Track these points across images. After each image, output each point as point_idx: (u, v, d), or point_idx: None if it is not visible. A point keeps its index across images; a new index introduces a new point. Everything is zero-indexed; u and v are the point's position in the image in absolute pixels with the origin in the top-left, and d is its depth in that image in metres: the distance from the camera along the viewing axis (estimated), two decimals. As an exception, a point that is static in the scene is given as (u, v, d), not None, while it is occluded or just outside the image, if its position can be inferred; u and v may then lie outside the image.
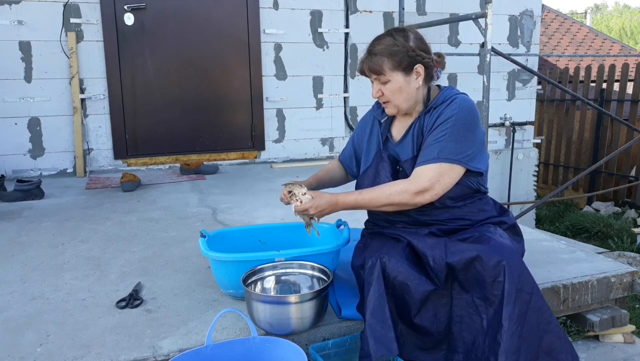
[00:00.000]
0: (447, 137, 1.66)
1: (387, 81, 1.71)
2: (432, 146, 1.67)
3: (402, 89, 1.71)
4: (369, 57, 1.71)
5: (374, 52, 1.70)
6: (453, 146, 1.65)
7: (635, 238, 5.28)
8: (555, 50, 11.59)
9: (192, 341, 1.61)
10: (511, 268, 1.48)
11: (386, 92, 1.73)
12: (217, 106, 4.56)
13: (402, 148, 1.79)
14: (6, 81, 4.05)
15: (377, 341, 1.48)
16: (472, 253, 1.52)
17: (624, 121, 5.80)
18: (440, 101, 1.74)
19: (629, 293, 2.15)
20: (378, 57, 1.69)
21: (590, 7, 27.47)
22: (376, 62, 1.69)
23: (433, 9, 5.04)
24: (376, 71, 1.70)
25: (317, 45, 4.75)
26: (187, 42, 4.40)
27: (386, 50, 1.69)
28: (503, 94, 5.50)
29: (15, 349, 1.57)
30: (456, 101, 1.72)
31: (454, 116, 1.68)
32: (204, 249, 1.82)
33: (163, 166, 4.48)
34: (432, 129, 1.70)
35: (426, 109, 1.75)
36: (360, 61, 1.76)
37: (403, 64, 1.69)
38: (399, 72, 1.70)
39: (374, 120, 1.91)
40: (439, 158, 1.64)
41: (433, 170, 1.64)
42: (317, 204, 1.69)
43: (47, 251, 2.43)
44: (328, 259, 1.84)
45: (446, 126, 1.67)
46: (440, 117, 1.70)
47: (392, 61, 1.68)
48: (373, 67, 1.70)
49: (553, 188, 7.54)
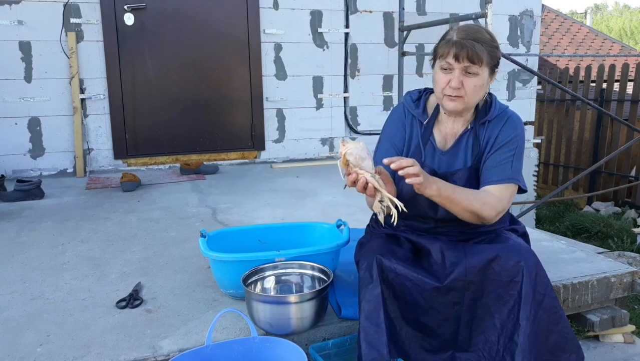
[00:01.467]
0: (515, 157, 1.64)
1: (476, 74, 1.57)
2: (504, 165, 1.63)
3: (483, 87, 1.61)
4: (472, 44, 1.55)
5: (477, 39, 1.56)
6: (518, 167, 1.64)
7: (635, 238, 5.28)
8: (555, 50, 11.59)
9: (192, 341, 1.61)
10: (529, 268, 1.48)
11: (468, 85, 1.58)
12: (217, 106, 4.56)
13: (451, 157, 1.69)
14: (6, 81, 4.05)
15: (369, 344, 1.48)
16: (492, 253, 1.51)
17: (624, 121, 5.79)
18: (495, 114, 1.68)
19: (629, 293, 2.16)
20: (482, 46, 1.56)
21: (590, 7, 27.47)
22: (479, 51, 1.55)
23: (433, 9, 5.04)
24: (473, 59, 1.55)
25: (317, 45, 4.75)
26: (187, 42, 4.40)
27: (490, 43, 1.59)
28: (503, 94, 5.50)
29: (15, 349, 1.57)
30: (513, 118, 1.68)
31: (517, 136, 1.65)
32: (204, 249, 1.82)
33: (163, 166, 4.48)
34: (497, 147, 1.64)
35: (481, 121, 1.68)
36: (453, 43, 1.56)
37: (493, 62, 1.61)
38: (487, 69, 1.60)
39: (413, 118, 1.74)
40: (512, 179, 1.62)
41: (509, 190, 1.63)
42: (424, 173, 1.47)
43: (47, 251, 2.43)
44: (328, 259, 1.85)
45: (513, 146, 1.64)
46: (502, 135, 1.65)
47: (490, 55, 1.58)
48: (476, 54, 1.54)
49: (553, 187, 7.54)
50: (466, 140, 1.69)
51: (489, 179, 1.63)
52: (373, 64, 4.94)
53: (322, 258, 1.83)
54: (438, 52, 1.61)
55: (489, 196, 1.59)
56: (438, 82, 1.62)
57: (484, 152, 1.66)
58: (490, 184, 1.62)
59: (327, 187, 3.64)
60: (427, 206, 1.68)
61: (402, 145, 1.73)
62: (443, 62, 1.58)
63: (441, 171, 1.68)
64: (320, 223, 2.16)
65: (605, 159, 5.57)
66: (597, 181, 7.18)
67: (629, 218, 6.19)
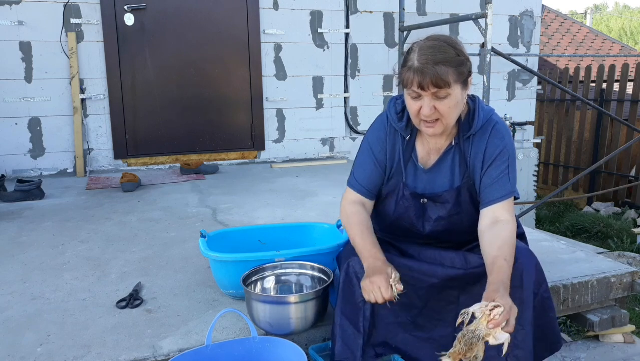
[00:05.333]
0: (510, 168, 1.55)
1: (447, 95, 1.44)
2: (502, 180, 1.53)
3: (458, 104, 1.48)
4: (433, 67, 1.41)
5: (436, 61, 1.41)
6: (514, 177, 1.56)
7: (635, 238, 5.28)
8: (555, 50, 11.59)
9: (192, 341, 1.61)
10: (529, 271, 1.46)
11: (442, 108, 1.45)
12: (217, 106, 4.56)
13: (434, 176, 1.59)
14: (6, 81, 4.05)
15: (344, 343, 1.49)
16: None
17: (624, 121, 5.80)
18: (479, 126, 1.55)
19: (629, 293, 2.16)
20: (443, 67, 1.41)
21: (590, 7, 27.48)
22: (442, 74, 1.41)
23: (433, 9, 5.04)
24: (439, 84, 1.42)
25: (317, 45, 4.75)
26: (187, 42, 4.40)
27: (453, 61, 1.44)
28: (503, 94, 5.50)
29: (15, 349, 1.57)
30: (497, 128, 1.56)
31: (506, 146, 1.55)
32: (204, 249, 1.82)
33: (163, 166, 4.48)
34: (489, 162, 1.54)
35: (465, 136, 1.56)
36: (414, 71, 1.43)
37: (463, 76, 1.46)
38: (459, 85, 1.45)
39: (396, 133, 1.62)
40: (513, 191, 1.55)
41: (511, 204, 1.55)
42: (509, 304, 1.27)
43: (47, 251, 2.43)
44: (328, 259, 1.84)
45: (505, 158, 1.54)
46: (490, 148, 1.54)
47: (456, 72, 1.44)
48: (438, 79, 1.41)
49: (553, 187, 7.54)
50: (451, 157, 1.58)
51: (491, 197, 1.53)
52: (373, 64, 4.94)
53: (322, 258, 1.83)
54: (402, 78, 1.47)
55: (506, 229, 1.48)
56: (410, 109, 1.50)
57: (473, 170, 1.56)
58: (494, 202, 1.52)
59: (327, 187, 3.64)
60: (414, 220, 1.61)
61: (382, 157, 1.63)
62: (410, 92, 1.46)
63: (426, 192, 1.59)
64: (320, 223, 2.16)
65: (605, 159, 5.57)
66: (597, 181, 7.17)
67: (629, 218, 6.19)
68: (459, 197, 1.57)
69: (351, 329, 1.52)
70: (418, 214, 1.61)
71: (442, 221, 1.59)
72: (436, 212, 1.59)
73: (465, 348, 1.22)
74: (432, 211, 1.60)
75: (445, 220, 1.59)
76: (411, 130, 1.60)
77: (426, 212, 1.60)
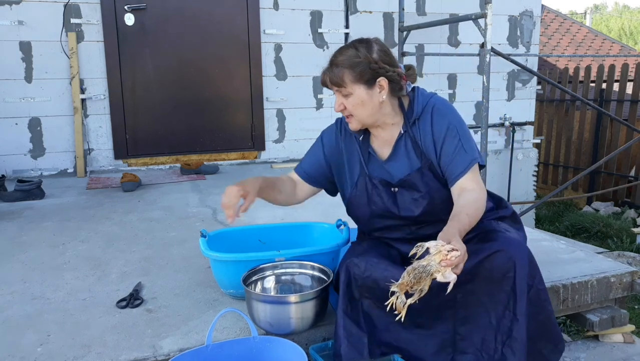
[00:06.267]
0: (463, 139, 1.63)
1: (349, 94, 1.62)
2: (458, 153, 1.61)
3: (364, 103, 1.62)
4: (330, 68, 1.64)
5: (335, 63, 1.62)
6: (470, 145, 1.64)
7: (634, 238, 5.29)
8: (554, 50, 11.60)
9: (192, 341, 1.61)
10: (522, 262, 1.48)
11: (349, 105, 1.63)
12: (217, 106, 4.57)
13: (394, 166, 1.70)
14: (7, 81, 4.05)
15: (350, 344, 1.50)
16: (482, 255, 1.49)
17: (623, 121, 5.81)
18: (420, 109, 1.67)
19: (628, 293, 2.16)
20: (339, 68, 1.61)
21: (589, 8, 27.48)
22: (337, 74, 1.61)
23: (433, 9, 5.05)
24: (337, 83, 1.62)
25: (317, 45, 4.75)
26: (187, 43, 4.40)
27: (347, 62, 1.60)
28: (503, 94, 5.50)
29: (16, 349, 1.58)
30: (437, 107, 1.67)
31: (451, 120, 1.64)
32: (204, 249, 1.82)
33: (163, 166, 4.48)
34: (440, 141, 1.63)
35: (410, 122, 1.68)
36: (322, 72, 1.67)
37: (365, 77, 1.60)
38: (360, 85, 1.61)
39: (348, 135, 1.77)
40: (473, 160, 1.61)
41: (475, 174, 1.62)
42: (464, 249, 1.33)
43: (47, 251, 2.43)
44: (328, 259, 1.85)
45: (453, 132, 1.63)
46: (436, 128, 1.64)
47: (353, 73, 1.60)
48: (334, 78, 1.62)
49: (553, 187, 7.54)
50: (404, 144, 1.69)
51: (454, 172, 1.61)
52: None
53: (322, 258, 1.83)
54: None
55: (472, 195, 1.57)
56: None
57: (427, 151, 1.66)
58: (459, 177, 1.60)
59: (327, 187, 3.64)
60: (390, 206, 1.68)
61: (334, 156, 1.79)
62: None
63: (394, 181, 1.68)
64: (320, 223, 2.17)
65: (605, 159, 5.58)
66: (596, 181, 7.18)
67: (629, 218, 6.20)
68: (424, 178, 1.65)
69: (355, 329, 1.52)
70: (392, 201, 1.69)
71: (416, 204, 1.66)
72: (408, 196, 1.67)
73: (413, 281, 1.29)
74: (404, 197, 1.68)
75: (419, 202, 1.66)
76: (364, 130, 1.73)
77: (398, 199, 1.68)
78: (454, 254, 1.29)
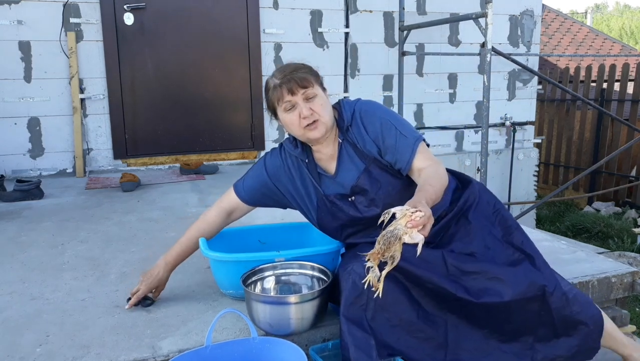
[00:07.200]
0: (398, 127, 1.68)
1: (315, 95, 1.66)
2: (400, 142, 1.66)
3: (325, 104, 1.69)
4: (294, 74, 1.65)
5: (294, 69, 1.67)
6: (407, 130, 1.69)
7: (635, 238, 5.28)
8: (555, 50, 11.59)
9: (191, 341, 1.60)
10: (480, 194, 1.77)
11: (316, 107, 1.66)
12: (217, 106, 4.56)
13: (343, 176, 1.73)
14: (6, 80, 4.04)
15: (357, 348, 1.49)
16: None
17: (624, 120, 5.80)
18: (350, 115, 1.73)
19: (629, 293, 2.15)
20: (301, 72, 1.67)
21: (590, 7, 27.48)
22: (303, 75, 1.66)
23: (433, 9, 5.04)
24: (306, 84, 1.65)
25: (317, 45, 4.74)
26: (187, 42, 4.40)
27: (304, 67, 1.69)
28: (503, 94, 5.50)
29: (15, 349, 1.57)
30: (364, 109, 1.73)
31: (380, 116, 1.71)
32: (204, 250, 1.82)
33: (163, 166, 4.47)
34: (378, 139, 1.69)
35: (344, 130, 1.73)
36: (280, 85, 1.65)
37: (319, 79, 1.71)
38: (319, 87, 1.69)
39: (295, 161, 1.81)
40: (416, 140, 1.66)
41: (423, 152, 1.66)
42: (429, 213, 1.36)
43: (46, 251, 2.43)
44: (328, 259, 1.84)
45: (387, 125, 1.68)
46: (370, 128, 1.70)
47: (313, 75, 1.69)
48: (303, 79, 1.64)
49: (553, 187, 7.53)
50: (346, 152, 1.73)
51: (404, 160, 1.65)
52: (373, 64, 4.94)
53: (322, 258, 1.82)
54: (273, 101, 1.69)
55: (430, 169, 1.62)
56: (292, 123, 1.68)
57: (370, 152, 1.69)
58: (411, 161, 1.65)
59: (327, 187, 3.63)
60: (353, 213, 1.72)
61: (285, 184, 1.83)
62: (284, 104, 1.66)
63: (347, 192, 1.72)
64: (321, 223, 2.15)
65: (606, 159, 5.58)
66: (597, 181, 7.17)
67: (630, 218, 6.19)
68: (372, 175, 1.69)
69: (360, 332, 1.51)
70: (354, 208, 1.72)
71: (376, 203, 1.69)
72: (365, 200, 1.71)
73: (384, 248, 1.30)
74: (362, 202, 1.71)
75: (377, 201, 1.69)
76: (307, 153, 1.78)
77: (358, 205, 1.72)
78: (418, 214, 1.31)
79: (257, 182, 1.87)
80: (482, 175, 3.84)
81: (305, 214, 1.86)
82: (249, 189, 1.88)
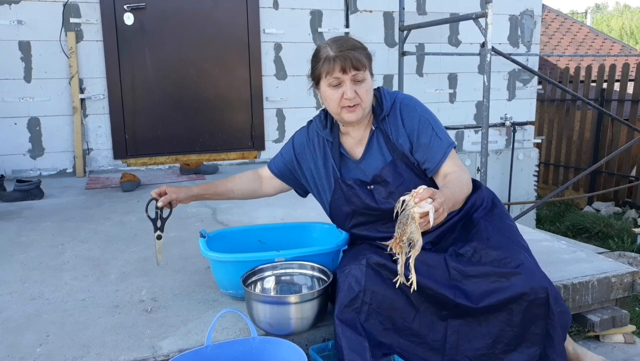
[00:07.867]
0: (435, 129, 1.68)
1: (363, 80, 1.63)
2: (434, 143, 1.66)
3: (370, 90, 1.66)
4: (352, 53, 1.59)
5: (354, 47, 1.61)
6: (444, 134, 1.70)
7: (635, 238, 5.28)
8: (555, 50, 11.59)
9: (191, 341, 1.61)
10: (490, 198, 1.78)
11: (361, 92, 1.63)
12: (217, 106, 4.56)
13: (368, 163, 1.73)
14: (6, 80, 4.04)
15: (352, 350, 1.49)
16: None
17: (624, 120, 5.80)
18: (389, 105, 1.71)
19: (629, 293, 2.15)
20: (358, 52, 1.61)
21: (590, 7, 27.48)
22: (359, 57, 1.60)
23: (433, 9, 5.04)
24: (359, 67, 1.60)
25: (317, 45, 4.73)
26: (187, 42, 4.40)
27: (362, 48, 1.64)
28: (503, 94, 5.50)
29: (15, 349, 1.57)
30: (405, 102, 1.72)
31: (420, 113, 1.69)
32: (204, 250, 1.82)
33: (163, 166, 4.47)
34: (413, 135, 1.68)
35: (380, 118, 1.71)
36: (334, 58, 1.59)
37: (370, 65, 1.67)
38: (368, 72, 1.66)
39: (321, 140, 1.81)
40: (449, 146, 1.66)
41: (454, 158, 1.67)
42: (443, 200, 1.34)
43: (46, 251, 2.43)
44: (328, 259, 1.84)
45: (425, 123, 1.68)
46: (407, 122, 1.69)
47: (366, 58, 1.64)
48: (358, 61, 1.59)
49: (553, 187, 7.54)
50: (376, 141, 1.72)
51: (434, 161, 1.65)
52: (373, 64, 4.92)
53: (322, 258, 1.82)
54: (320, 71, 1.64)
55: (454, 175, 1.61)
56: (332, 99, 1.65)
57: (401, 146, 1.69)
58: (440, 164, 1.65)
59: (327, 187, 3.63)
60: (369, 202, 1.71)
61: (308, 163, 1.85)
62: (331, 79, 1.62)
63: (369, 179, 1.71)
64: (320, 223, 2.16)
65: (606, 159, 5.58)
66: (597, 181, 7.17)
67: (630, 218, 6.19)
68: (397, 169, 1.69)
69: (354, 335, 1.51)
70: (370, 197, 1.71)
71: (394, 197, 1.67)
72: (385, 191, 1.70)
73: (400, 232, 1.29)
74: (380, 192, 1.70)
75: (396, 195, 1.66)
76: (334, 134, 1.78)
77: (375, 195, 1.71)
78: (422, 186, 1.33)
79: (286, 157, 1.92)
80: (482, 175, 3.84)
81: (320, 195, 1.86)
82: (279, 163, 1.94)
